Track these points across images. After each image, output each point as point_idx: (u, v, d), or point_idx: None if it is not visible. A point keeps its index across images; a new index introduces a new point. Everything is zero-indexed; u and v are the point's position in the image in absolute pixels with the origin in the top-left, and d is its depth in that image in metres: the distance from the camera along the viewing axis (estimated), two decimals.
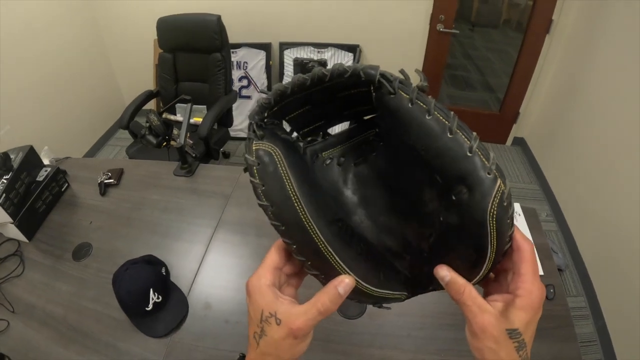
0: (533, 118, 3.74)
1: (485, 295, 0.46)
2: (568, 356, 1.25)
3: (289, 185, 0.42)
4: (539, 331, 1.25)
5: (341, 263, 0.43)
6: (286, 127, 0.52)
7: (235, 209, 1.72)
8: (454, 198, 0.39)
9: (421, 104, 0.41)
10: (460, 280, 0.42)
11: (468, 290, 0.42)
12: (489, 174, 0.36)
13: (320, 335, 1.25)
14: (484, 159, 0.37)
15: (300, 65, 2.35)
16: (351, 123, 0.57)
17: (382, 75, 0.44)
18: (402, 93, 0.43)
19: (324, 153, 0.56)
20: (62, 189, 1.83)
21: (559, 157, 3.28)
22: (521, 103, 3.72)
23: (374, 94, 0.48)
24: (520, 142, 3.96)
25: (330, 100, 0.50)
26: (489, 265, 0.40)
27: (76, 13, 3.46)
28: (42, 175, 1.72)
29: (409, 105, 0.42)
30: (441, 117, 0.40)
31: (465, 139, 0.38)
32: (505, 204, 0.37)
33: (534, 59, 3.45)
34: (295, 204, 0.42)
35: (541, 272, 1.48)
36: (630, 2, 2.46)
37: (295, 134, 0.55)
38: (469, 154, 0.37)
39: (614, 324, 2.34)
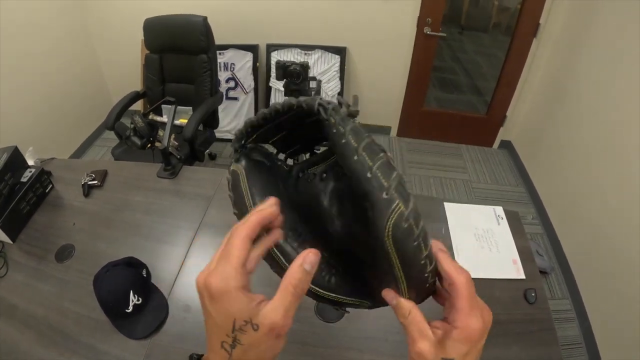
0: (520, 121, 3.77)
1: (445, 313, 0.46)
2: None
3: (247, 198, 0.51)
4: (521, 335, 1.27)
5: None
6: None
7: (217, 212, 1.72)
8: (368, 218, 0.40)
9: (341, 128, 0.43)
10: (405, 305, 0.43)
11: (413, 315, 0.42)
12: (386, 194, 0.37)
13: (298, 338, 1.26)
14: (382, 180, 0.37)
15: (283, 68, 2.36)
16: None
17: (320, 104, 0.45)
18: (332, 119, 0.44)
19: (310, 169, 0.61)
20: (47, 190, 1.82)
21: (545, 160, 3.31)
22: (508, 106, 3.75)
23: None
24: (507, 145, 3.99)
25: (301, 125, 0.53)
26: (405, 291, 0.42)
27: (63, 14, 3.45)
28: (26, 176, 1.71)
29: (333, 130, 0.44)
30: (352, 140, 0.41)
31: (368, 160, 0.39)
32: (405, 225, 0.37)
33: (521, 63, 3.49)
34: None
35: (522, 276, 1.50)
36: (617, 7, 2.50)
37: (282, 155, 0.63)
38: (368, 175, 0.38)
39: (599, 326, 2.37)
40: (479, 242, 1.62)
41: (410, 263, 0.39)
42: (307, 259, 0.41)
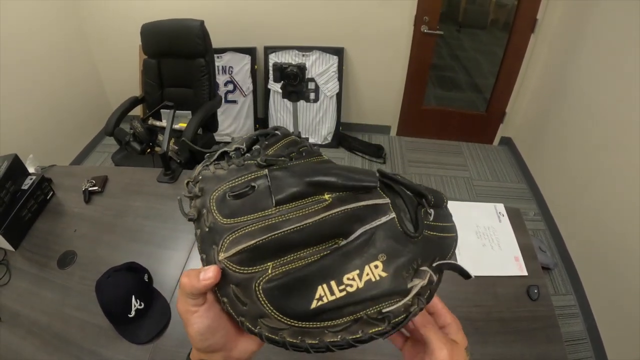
0: (519, 118, 3.77)
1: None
2: (553, 357, 1.26)
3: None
4: (524, 332, 1.27)
5: None
6: None
7: None
8: None
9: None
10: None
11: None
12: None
13: None
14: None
15: (280, 70, 2.35)
16: None
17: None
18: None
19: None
20: (48, 197, 1.82)
21: (546, 156, 3.31)
22: (507, 103, 3.75)
23: None
24: (507, 142, 3.99)
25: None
26: None
27: (60, 20, 3.45)
28: (27, 184, 1.72)
29: None
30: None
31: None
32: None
33: (519, 59, 3.49)
34: None
35: (525, 273, 1.49)
36: (613, 1, 2.50)
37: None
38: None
39: (604, 322, 2.37)
40: (481, 239, 1.62)
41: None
42: (206, 271, 0.42)
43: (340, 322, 0.39)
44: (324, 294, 0.39)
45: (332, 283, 0.39)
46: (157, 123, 2.26)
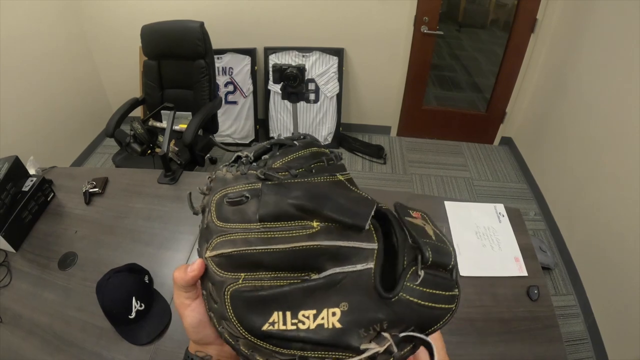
0: (520, 117, 3.77)
1: None
2: (553, 357, 1.26)
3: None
4: (524, 332, 1.27)
5: None
6: None
7: None
8: None
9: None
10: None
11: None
12: None
13: None
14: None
15: (279, 72, 2.35)
16: None
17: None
18: None
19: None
20: (48, 199, 1.83)
21: (546, 156, 3.31)
22: (508, 103, 3.75)
23: None
24: (507, 142, 3.99)
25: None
26: None
27: (62, 21, 3.46)
28: (27, 185, 1.73)
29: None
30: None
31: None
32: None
33: (519, 58, 3.49)
34: None
35: (525, 273, 1.50)
36: (613, 0, 2.50)
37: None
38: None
39: (604, 322, 2.37)
40: (481, 240, 1.62)
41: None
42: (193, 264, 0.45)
43: (287, 352, 0.38)
44: (277, 321, 0.38)
45: (287, 314, 0.38)
46: (158, 124, 2.26)
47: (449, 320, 0.39)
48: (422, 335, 0.38)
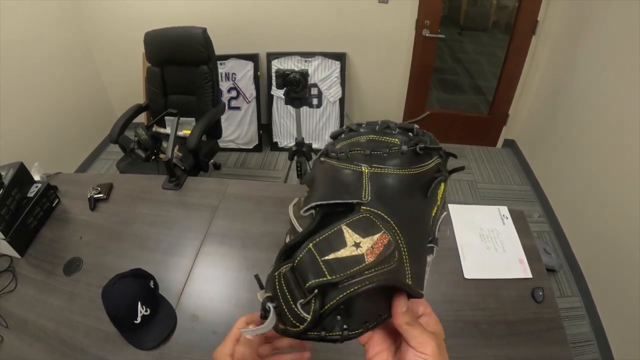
0: (522, 119, 3.76)
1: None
2: (559, 359, 1.25)
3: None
4: (529, 335, 1.26)
5: None
6: None
7: (222, 221, 1.73)
8: None
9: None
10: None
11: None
12: None
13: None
14: None
15: (282, 77, 2.35)
16: None
17: None
18: None
19: None
20: (53, 205, 1.84)
21: (550, 158, 3.30)
22: (510, 105, 3.75)
23: None
24: (510, 144, 3.99)
25: None
26: None
27: (64, 27, 3.49)
28: (32, 191, 1.74)
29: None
30: None
31: None
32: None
33: (521, 60, 3.49)
34: None
35: (529, 275, 1.49)
36: (614, 1, 2.50)
37: None
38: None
39: (610, 323, 2.36)
40: (485, 242, 1.62)
41: None
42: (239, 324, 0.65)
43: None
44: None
45: None
46: (161, 130, 2.27)
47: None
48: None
